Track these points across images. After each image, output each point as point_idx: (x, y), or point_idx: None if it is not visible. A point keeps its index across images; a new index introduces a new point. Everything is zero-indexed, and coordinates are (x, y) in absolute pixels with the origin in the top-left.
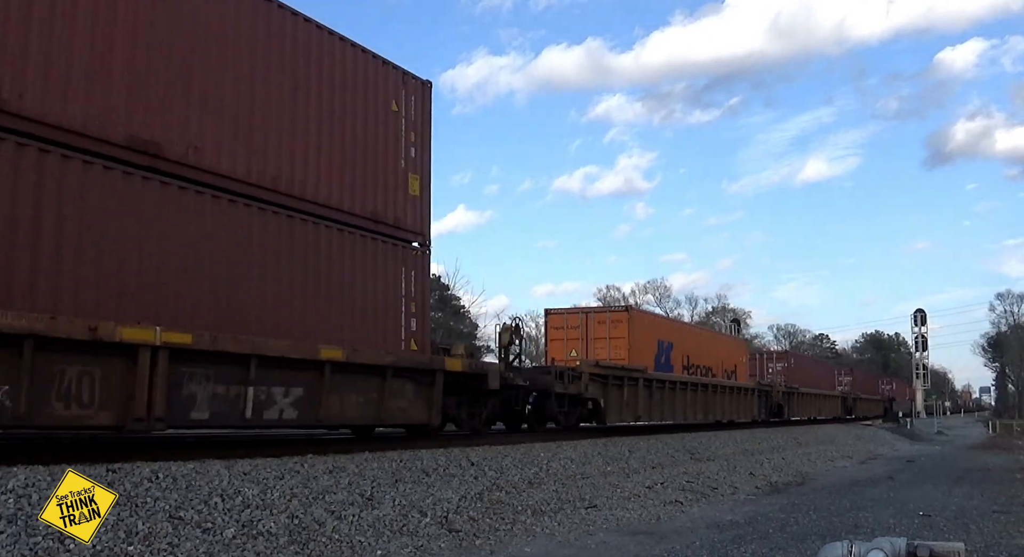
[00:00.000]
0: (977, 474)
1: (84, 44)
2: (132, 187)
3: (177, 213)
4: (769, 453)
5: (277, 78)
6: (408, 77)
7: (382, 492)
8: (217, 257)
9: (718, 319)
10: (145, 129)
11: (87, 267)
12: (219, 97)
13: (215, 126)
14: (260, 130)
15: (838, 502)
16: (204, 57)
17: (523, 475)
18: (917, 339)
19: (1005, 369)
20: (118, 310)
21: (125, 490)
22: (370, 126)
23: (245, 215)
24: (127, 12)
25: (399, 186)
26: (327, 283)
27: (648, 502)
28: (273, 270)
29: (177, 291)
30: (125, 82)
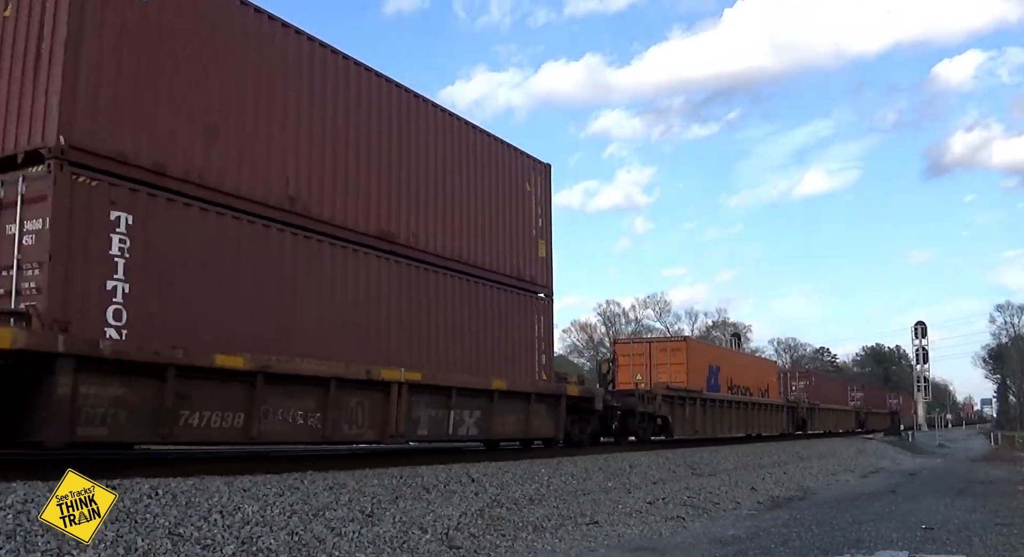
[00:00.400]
0: (979, 487)
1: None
2: (380, 265)
3: (408, 281)
4: (771, 467)
5: (460, 177)
6: (535, 161)
7: (382, 509)
8: (424, 309)
9: (718, 333)
10: (386, 224)
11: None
12: (427, 199)
13: (424, 220)
14: (449, 218)
15: (840, 516)
16: (419, 172)
17: (524, 491)
18: (918, 351)
19: (1006, 381)
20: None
21: (124, 506)
22: (512, 204)
23: (438, 279)
24: (382, 160)
25: (531, 250)
26: (487, 327)
27: (650, 518)
28: (453, 318)
29: (409, 339)
30: (378, 197)
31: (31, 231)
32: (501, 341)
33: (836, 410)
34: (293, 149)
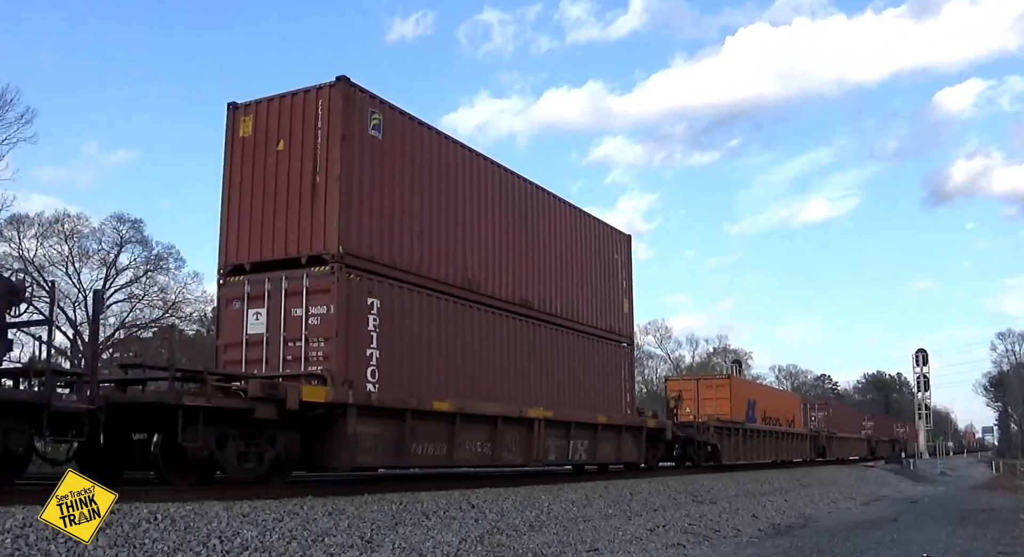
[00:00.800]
0: (981, 515)
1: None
2: (521, 326)
3: (539, 337)
4: (772, 495)
5: (570, 252)
6: (620, 234)
7: (382, 535)
8: (549, 358)
9: (719, 360)
10: (524, 294)
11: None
12: (549, 272)
13: (548, 288)
14: (564, 285)
15: (842, 544)
16: (544, 250)
17: (524, 518)
18: (919, 379)
19: (1007, 409)
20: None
21: (123, 531)
22: (606, 271)
23: (558, 334)
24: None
25: (618, 307)
26: (588, 371)
27: (650, 545)
28: (567, 364)
29: (540, 382)
30: (519, 273)
31: (316, 314)
32: (598, 382)
33: (851, 438)
34: (469, 244)
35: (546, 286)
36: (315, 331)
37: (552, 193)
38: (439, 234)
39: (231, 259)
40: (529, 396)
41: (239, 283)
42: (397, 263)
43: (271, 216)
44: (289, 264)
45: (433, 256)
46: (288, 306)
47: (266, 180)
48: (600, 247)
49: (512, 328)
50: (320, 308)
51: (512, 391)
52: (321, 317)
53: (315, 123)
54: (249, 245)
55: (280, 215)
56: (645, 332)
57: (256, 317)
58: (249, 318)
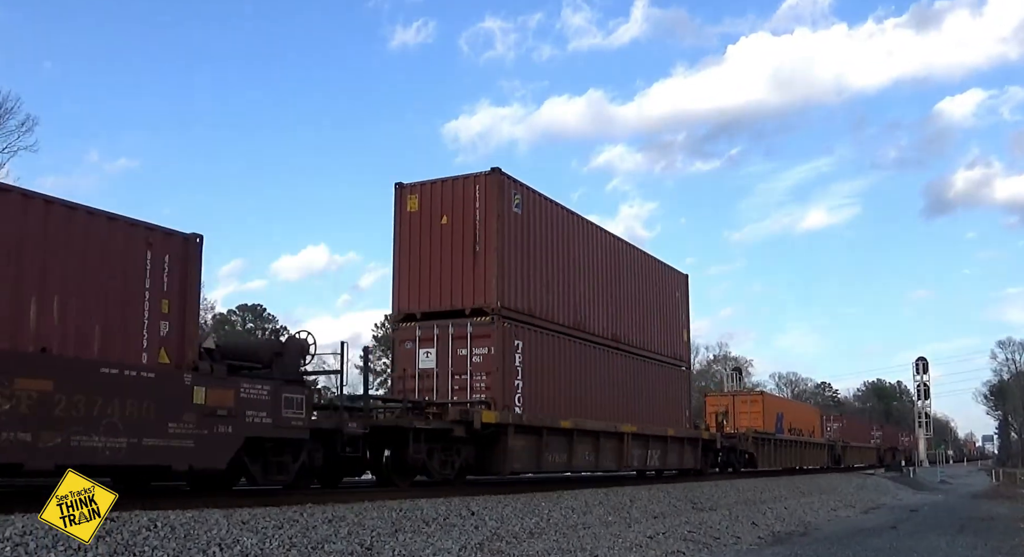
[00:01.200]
0: (981, 523)
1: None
2: (613, 357)
3: (624, 365)
4: (771, 503)
5: (646, 293)
6: (680, 274)
7: (381, 542)
8: (630, 381)
9: (719, 367)
10: (614, 330)
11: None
12: (631, 310)
13: (630, 324)
14: (641, 321)
15: (841, 552)
16: (628, 293)
17: (524, 525)
18: (919, 387)
19: (1008, 417)
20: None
21: (123, 538)
22: (670, 307)
23: (636, 362)
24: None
25: (679, 337)
26: (657, 391)
27: (650, 552)
28: (643, 386)
29: (623, 401)
30: (612, 313)
31: (478, 354)
32: (666, 400)
33: (862, 447)
34: (578, 291)
35: (628, 322)
36: (477, 367)
37: (631, 244)
38: (558, 285)
39: (403, 308)
40: (618, 414)
41: (411, 328)
42: (532, 311)
43: (438, 276)
44: (454, 314)
45: (555, 303)
46: (455, 347)
47: (431, 247)
48: (665, 286)
49: (606, 358)
50: (482, 349)
51: (606, 410)
52: (483, 356)
53: (473, 203)
54: (419, 298)
55: (446, 275)
56: None
57: (427, 355)
58: (420, 356)
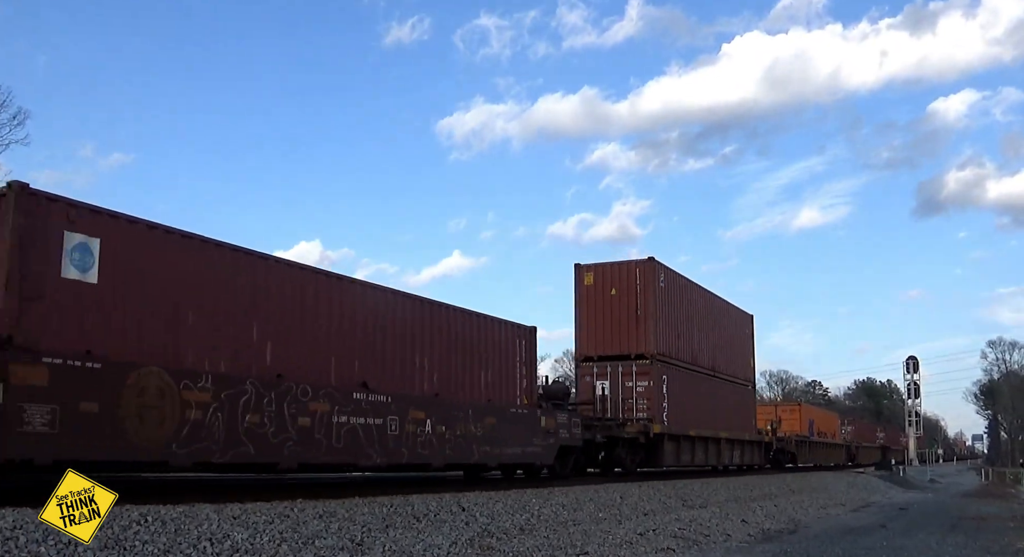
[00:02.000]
0: (971, 522)
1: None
2: (713, 382)
3: (716, 388)
4: (762, 500)
5: (725, 331)
6: (748, 314)
7: (372, 537)
8: (719, 398)
9: None
10: (712, 362)
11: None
12: (716, 345)
13: (714, 354)
14: (724, 352)
15: (831, 550)
16: (716, 332)
17: (514, 521)
18: (910, 386)
19: (997, 417)
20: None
21: (114, 533)
22: (741, 341)
23: (722, 384)
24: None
25: (748, 361)
26: (734, 405)
27: (639, 549)
28: (726, 401)
29: (714, 414)
30: (709, 348)
31: (641, 386)
32: (741, 412)
33: (869, 447)
34: (694, 336)
35: (720, 355)
36: (640, 395)
37: (720, 296)
38: (683, 333)
39: (583, 352)
40: (716, 424)
41: (590, 366)
42: (671, 354)
43: (608, 330)
44: (622, 357)
45: (682, 347)
46: (623, 380)
47: (603, 310)
48: (739, 325)
49: (709, 383)
50: (643, 382)
51: (709, 421)
52: (644, 387)
53: (635, 281)
54: (596, 345)
55: (615, 330)
56: None
57: (602, 387)
58: (598, 386)
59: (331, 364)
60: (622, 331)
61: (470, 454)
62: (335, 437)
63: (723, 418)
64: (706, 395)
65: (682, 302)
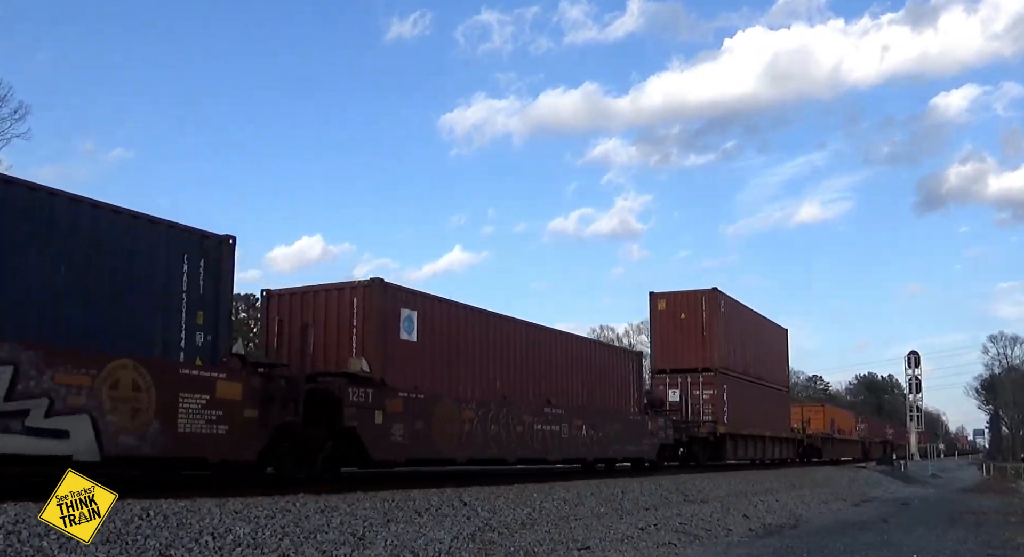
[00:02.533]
0: (971, 517)
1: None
2: (762, 390)
3: (763, 393)
4: (763, 495)
5: (770, 346)
6: (784, 328)
7: (374, 532)
8: (762, 403)
9: None
10: (758, 371)
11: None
12: (766, 361)
13: (765, 367)
14: (768, 364)
15: (832, 544)
16: (760, 345)
17: (516, 516)
18: (911, 381)
19: (998, 412)
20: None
21: (116, 528)
22: (779, 351)
23: (766, 390)
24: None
25: (784, 369)
26: (775, 407)
27: (641, 544)
28: (768, 405)
29: (751, 417)
30: (755, 361)
31: (707, 393)
32: (778, 414)
33: (879, 442)
34: (746, 350)
35: (763, 366)
36: (706, 401)
37: (763, 316)
38: (738, 349)
39: (658, 366)
40: (762, 424)
41: (664, 377)
42: (730, 367)
43: (679, 348)
44: (691, 370)
45: (738, 360)
46: (691, 389)
47: (674, 331)
48: (778, 339)
49: (755, 390)
50: (708, 391)
51: (756, 422)
52: (709, 394)
53: (700, 306)
54: (668, 359)
55: (684, 348)
56: (638, 332)
57: (673, 393)
58: (670, 393)
59: (529, 388)
60: (690, 348)
61: (608, 451)
62: (536, 440)
63: (767, 419)
64: (755, 400)
65: (737, 323)
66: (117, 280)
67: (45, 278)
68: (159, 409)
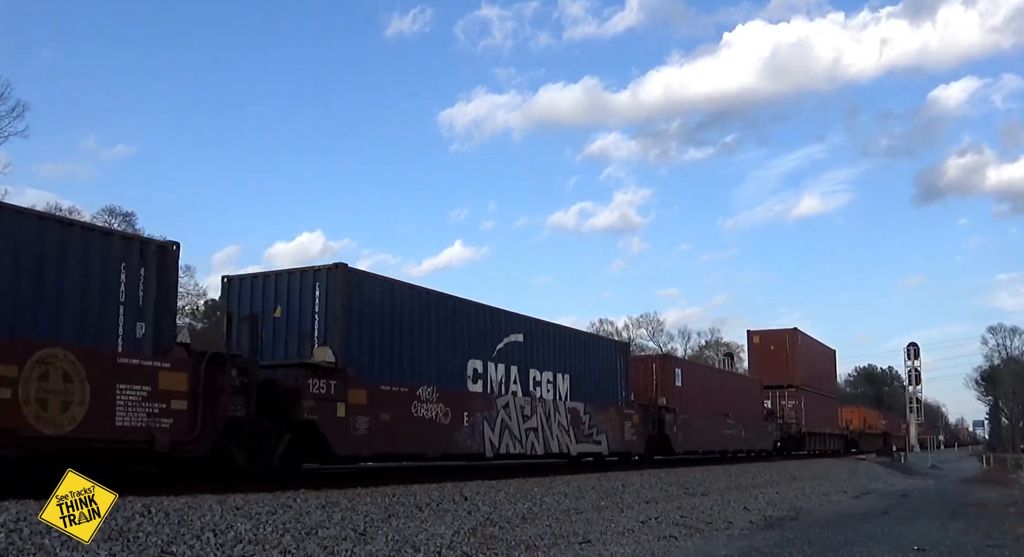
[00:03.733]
0: (972, 508)
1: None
2: (820, 399)
3: (819, 401)
4: (763, 488)
5: (826, 364)
6: (830, 349)
7: (375, 527)
8: (821, 408)
9: (711, 353)
10: (819, 385)
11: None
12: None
13: (820, 379)
14: (822, 377)
15: (832, 537)
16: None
17: (517, 510)
18: (910, 373)
19: (998, 403)
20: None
21: (117, 525)
22: (829, 365)
23: (826, 399)
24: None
25: (834, 381)
26: (825, 411)
27: (642, 537)
28: (822, 410)
29: (817, 419)
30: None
31: (791, 403)
32: (830, 415)
33: (896, 435)
34: (810, 369)
35: (821, 380)
36: (791, 409)
37: (819, 341)
38: (808, 369)
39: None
40: (823, 424)
41: (767, 392)
42: (804, 383)
43: (771, 371)
44: (779, 387)
45: (808, 377)
46: (779, 400)
47: (766, 358)
48: (830, 358)
49: (819, 399)
50: (792, 401)
51: (821, 423)
52: (792, 404)
53: (784, 341)
54: (763, 376)
55: (774, 371)
56: (637, 325)
57: (768, 404)
58: (766, 404)
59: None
60: (778, 371)
61: (747, 445)
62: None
63: (827, 420)
64: (820, 406)
65: (808, 351)
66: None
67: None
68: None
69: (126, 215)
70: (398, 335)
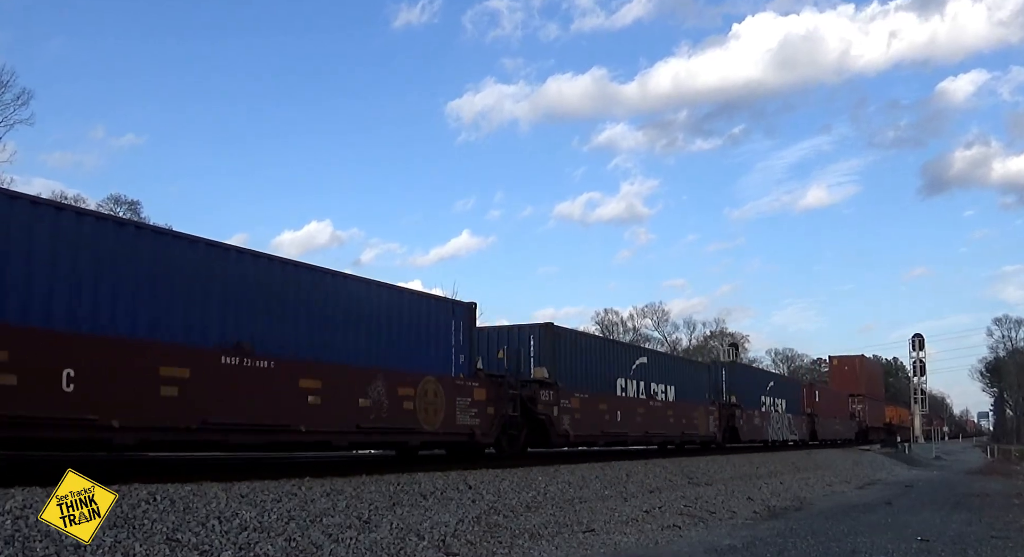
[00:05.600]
0: (975, 499)
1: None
2: (876, 402)
3: (873, 404)
4: (767, 478)
5: (876, 372)
6: (880, 361)
7: (379, 515)
8: (876, 410)
9: (716, 343)
10: (874, 391)
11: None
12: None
13: (875, 386)
14: (875, 383)
15: (836, 527)
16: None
17: (521, 499)
18: (915, 364)
19: (1003, 394)
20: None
21: (123, 512)
22: (879, 375)
23: (873, 401)
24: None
25: (882, 386)
26: (876, 409)
27: (646, 526)
28: (876, 409)
29: (874, 418)
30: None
31: (859, 406)
32: (879, 413)
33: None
34: (872, 380)
35: (876, 386)
36: (858, 410)
37: (870, 357)
38: (870, 380)
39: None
40: (876, 420)
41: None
42: (866, 392)
43: (846, 383)
44: (852, 395)
45: (870, 386)
46: (851, 404)
47: (843, 375)
48: (879, 370)
49: (874, 402)
50: (859, 405)
51: (876, 419)
52: (860, 406)
53: (856, 364)
54: (840, 388)
55: (848, 383)
56: (643, 315)
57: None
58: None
59: None
60: (851, 383)
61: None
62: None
63: (879, 417)
64: (875, 407)
65: (870, 368)
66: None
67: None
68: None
69: (131, 203)
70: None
